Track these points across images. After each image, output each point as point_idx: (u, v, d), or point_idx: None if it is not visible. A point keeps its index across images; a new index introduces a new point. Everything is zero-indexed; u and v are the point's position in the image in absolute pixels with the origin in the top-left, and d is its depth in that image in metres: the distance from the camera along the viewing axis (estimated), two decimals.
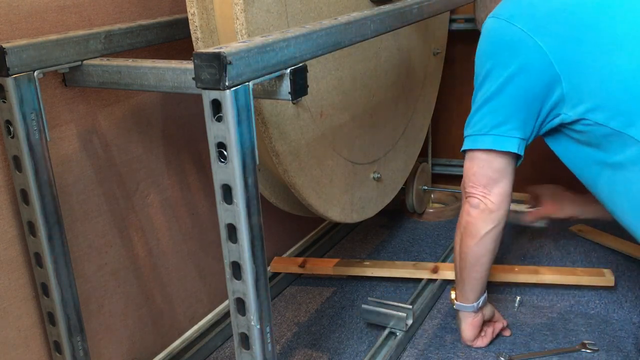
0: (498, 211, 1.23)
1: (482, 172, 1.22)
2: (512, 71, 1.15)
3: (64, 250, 1.06)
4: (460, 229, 1.28)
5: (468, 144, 1.23)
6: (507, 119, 1.17)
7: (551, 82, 1.13)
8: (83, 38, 1.05)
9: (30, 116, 0.98)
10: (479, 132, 1.20)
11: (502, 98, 1.17)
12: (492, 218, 1.23)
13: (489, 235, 1.24)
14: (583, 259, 1.73)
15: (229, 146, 0.81)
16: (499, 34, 1.18)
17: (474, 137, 1.21)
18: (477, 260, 1.28)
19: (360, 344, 1.43)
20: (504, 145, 1.18)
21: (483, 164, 1.21)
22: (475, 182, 1.23)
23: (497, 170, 1.21)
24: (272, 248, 1.73)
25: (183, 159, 1.39)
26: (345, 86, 1.37)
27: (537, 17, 1.14)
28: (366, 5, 1.41)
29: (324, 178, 1.35)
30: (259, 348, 0.89)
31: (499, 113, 1.18)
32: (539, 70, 1.13)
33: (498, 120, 1.18)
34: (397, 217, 2.06)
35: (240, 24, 1.05)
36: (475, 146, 1.21)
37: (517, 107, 1.16)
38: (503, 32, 1.16)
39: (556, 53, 1.11)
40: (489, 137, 1.19)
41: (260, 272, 0.87)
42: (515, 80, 1.15)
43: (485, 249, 1.26)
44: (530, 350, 1.37)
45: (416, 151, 1.86)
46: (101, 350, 1.24)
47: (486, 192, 1.22)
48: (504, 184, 1.22)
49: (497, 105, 1.18)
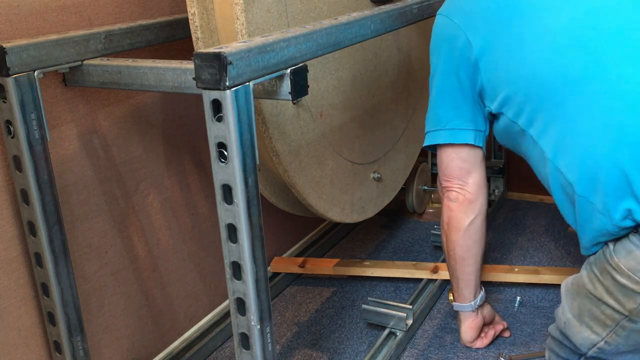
0: (477, 200, 1.25)
1: (453, 165, 1.24)
2: (451, 65, 1.18)
3: (64, 250, 1.06)
4: (444, 226, 1.30)
5: (428, 140, 1.26)
6: (457, 111, 1.21)
7: (474, 73, 1.16)
8: (83, 38, 1.05)
9: (30, 116, 0.98)
10: (435, 128, 1.24)
11: (447, 92, 1.20)
12: (472, 208, 1.26)
13: (472, 225, 1.26)
14: (583, 259, 1.72)
15: (229, 146, 0.81)
16: (441, 30, 1.21)
17: (433, 133, 1.24)
18: (465, 252, 1.29)
19: (360, 344, 1.43)
20: (460, 137, 1.22)
21: (452, 157, 1.24)
22: (449, 175, 1.25)
23: (465, 160, 1.24)
24: (272, 248, 1.73)
25: (183, 159, 1.39)
26: (345, 86, 1.37)
27: (469, 13, 1.17)
28: (366, 5, 1.41)
29: (324, 178, 1.35)
30: (259, 348, 0.90)
31: (449, 107, 1.21)
32: (468, 63, 1.16)
33: (450, 114, 1.21)
34: (397, 217, 2.06)
35: (241, 24, 1.05)
36: (435, 141, 1.24)
37: (461, 100, 1.20)
38: (444, 28, 1.20)
39: (479, 47, 1.14)
40: (445, 131, 1.22)
41: (260, 272, 0.87)
42: (454, 73, 1.18)
43: (471, 240, 1.28)
44: (530, 350, 1.37)
45: (416, 151, 1.86)
46: (101, 350, 1.24)
47: (462, 184, 1.25)
48: (476, 174, 1.25)
49: (445, 99, 1.21)
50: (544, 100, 1.07)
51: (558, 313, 1.13)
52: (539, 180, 1.19)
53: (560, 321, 1.12)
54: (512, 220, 1.97)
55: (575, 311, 1.08)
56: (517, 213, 2.02)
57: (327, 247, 1.87)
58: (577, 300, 1.08)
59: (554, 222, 1.93)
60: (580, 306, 1.07)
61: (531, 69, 1.08)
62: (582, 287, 1.08)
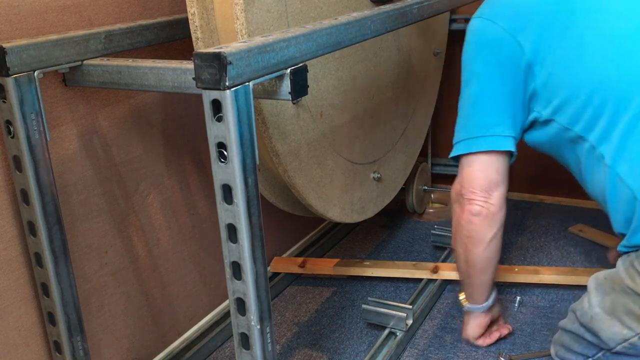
0: (499, 212, 1.23)
1: (484, 175, 1.20)
2: (494, 70, 1.16)
3: (64, 250, 1.06)
4: (462, 237, 1.26)
5: (463, 148, 1.22)
6: (499, 118, 1.18)
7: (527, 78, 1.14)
8: (83, 38, 1.05)
9: (30, 116, 0.98)
10: (472, 135, 1.20)
11: (489, 97, 1.18)
12: (496, 221, 1.23)
13: (495, 239, 1.24)
14: (583, 259, 1.73)
15: (229, 146, 0.81)
16: (483, 34, 1.19)
17: (469, 141, 1.21)
18: (487, 264, 1.28)
19: (360, 344, 1.43)
20: (502, 144, 1.18)
21: (485, 167, 1.20)
22: (476, 187, 1.21)
23: (498, 171, 1.20)
24: (272, 248, 1.73)
25: (183, 159, 1.39)
26: (345, 86, 1.37)
27: (517, 16, 1.15)
28: (366, 5, 1.41)
29: (324, 178, 1.35)
30: (259, 348, 0.90)
31: (490, 113, 1.18)
32: (518, 67, 1.14)
33: (491, 121, 1.18)
34: (397, 217, 2.06)
35: (241, 24, 1.05)
36: (472, 149, 1.20)
37: (504, 106, 1.17)
38: (487, 32, 1.18)
39: (531, 51, 1.12)
40: (485, 139, 1.19)
41: (260, 272, 0.87)
42: (499, 78, 1.16)
43: (493, 253, 1.27)
44: (530, 350, 1.37)
45: (416, 151, 1.86)
46: (101, 350, 1.24)
47: (487, 197, 1.21)
48: (503, 187, 1.22)
49: (485, 105, 1.19)
50: (607, 105, 1.07)
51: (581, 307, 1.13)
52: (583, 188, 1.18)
53: (585, 315, 1.12)
54: (512, 220, 1.97)
55: (606, 306, 1.09)
56: (517, 213, 2.02)
57: (327, 247, 1.87)
58: (611, 296, 1.09)
59: (554, 222, 1.93)
60: (614, 301, 1.08)
61: (596, 74, 1.08)
62: (618, 282, 1.08)
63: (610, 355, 1.11)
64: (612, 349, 1.09)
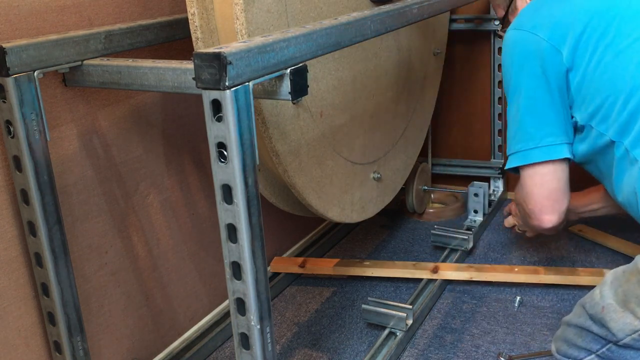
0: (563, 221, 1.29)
1: (550, 186, 1.23)
2: (540, 80, 1.18)
3: (64, 250, 1.06)
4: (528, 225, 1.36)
5: (518, 160, 1.24)
6: (550, 128, 1.20)
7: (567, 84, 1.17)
8: (83, 38, 1.05)
9: (30, 116, 0.98)
10: (526, 147, 1.22)
11: (538, 108, 1.20)
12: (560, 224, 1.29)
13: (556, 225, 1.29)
14: (583, 259, 1.73)
15: (229, 146, 0.81)
16: (525, 46, 1.21)
17: (524, 153, 1.22)
18: None
19: (360, 344, 1.43)
20: (557, 153, 1.21)
21: (547, 178, 1.23)
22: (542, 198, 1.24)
23: (560, 179, 1.23)
24: (272, 248, 1.73)
25: (183, 159, 1.39)
26: (345, 86, 1.37)
27: (555, 25, 1.18)
28: (366, 5, 1.41)
29: (324, 178, 1.35)
30: (259, 348, 0.89)
31: (542, 123, 1.21)
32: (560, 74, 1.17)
33: (543, 131, 1.20)
34: (397, 217, 2.06)
35: (241, 24, 1.05)
36: (528, 161, 1.22)
37: (554, 115, 1.19)
38: (527, 43, 1.20)
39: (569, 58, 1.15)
40: (541, 149, 1.21)
41: (260, 272, 0.87)
42: (545, 87, 1.18)
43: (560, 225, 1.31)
44: (530, 350, 1.37)
45: (416, 151, 1.86)
46: (101, 350, 1.24)
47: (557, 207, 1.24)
48: (566, 196, 1.25)
49: (535, 116, 1.21)
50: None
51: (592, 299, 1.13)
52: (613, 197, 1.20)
53: (597, 306, 1.12)
54: None
55: (619, 297, 1.09)
56: None
57: (327, 247, 1.87)
58: (625, 286, 1.09)
59: None
60: (627, 292, 1.08)
61: (632, 80, 1.10)
62: (635, 273, 1.09)
63: (616, 348, 1.11)
64: (619, 341, 1.09)
